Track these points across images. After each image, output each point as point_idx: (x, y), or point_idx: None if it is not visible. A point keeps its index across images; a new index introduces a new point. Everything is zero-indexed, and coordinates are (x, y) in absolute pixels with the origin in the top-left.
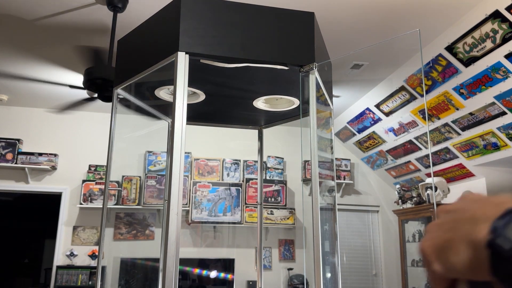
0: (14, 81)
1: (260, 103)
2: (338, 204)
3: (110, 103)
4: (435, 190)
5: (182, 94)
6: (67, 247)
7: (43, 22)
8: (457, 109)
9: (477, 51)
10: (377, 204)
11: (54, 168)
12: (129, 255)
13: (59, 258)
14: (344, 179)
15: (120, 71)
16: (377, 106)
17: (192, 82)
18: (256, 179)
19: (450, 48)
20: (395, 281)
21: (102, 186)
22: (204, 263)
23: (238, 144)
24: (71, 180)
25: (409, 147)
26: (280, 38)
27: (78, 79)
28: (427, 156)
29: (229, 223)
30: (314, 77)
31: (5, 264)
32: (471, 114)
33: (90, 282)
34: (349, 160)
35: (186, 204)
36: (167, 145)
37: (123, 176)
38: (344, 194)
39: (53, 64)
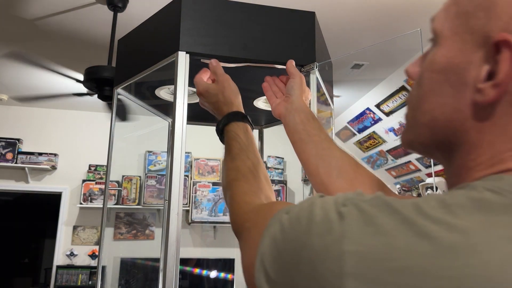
0: (14, 82)
1: (260, 103)
2: None
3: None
4: (436, 190)
5: (183, 94)
6: (67, 247)
7: (43, 22)
8: None
9: None
10: None
11: (54, 168)
12: (129, 255)
13: (59, 258)
14: None
15: (120, 71)
16: (378, 106)
17: (192, 82)
18: None
19: None
20: None
21: (102, 186)
22: (204, 263)
23: None
24: (71, 180)
25: None
26: (281, 37)
27: (78, 78)
28: None
29: (229, 223)
30: (315, 77)
31: (5, 264)
32: None
33: (90, 282)
34: None
35: (186, 204)
36: (167, 145)
37: (123, 176)
38: None
39: (52, 63)
